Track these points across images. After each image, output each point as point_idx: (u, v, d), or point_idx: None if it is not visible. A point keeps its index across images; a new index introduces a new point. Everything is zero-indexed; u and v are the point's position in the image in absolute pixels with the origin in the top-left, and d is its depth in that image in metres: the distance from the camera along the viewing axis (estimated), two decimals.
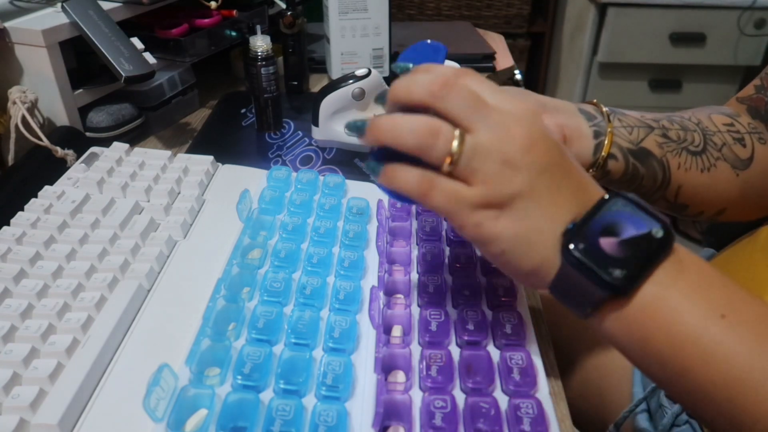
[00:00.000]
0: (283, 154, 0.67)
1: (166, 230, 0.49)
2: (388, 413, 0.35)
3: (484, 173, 0.30)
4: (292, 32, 0.85)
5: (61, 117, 0.63)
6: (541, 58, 1.97)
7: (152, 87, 0.71)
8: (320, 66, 0.93)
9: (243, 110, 0.74)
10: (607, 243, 0.30)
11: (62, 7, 0.61)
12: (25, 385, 0.36)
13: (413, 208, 0.53)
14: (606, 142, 0.45)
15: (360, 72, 0.61)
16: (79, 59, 0.65)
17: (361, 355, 0.39)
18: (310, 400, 0.36)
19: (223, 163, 0.60)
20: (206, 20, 0.74)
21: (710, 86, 1.65)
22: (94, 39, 0.59)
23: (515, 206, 0.31)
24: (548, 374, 0.40)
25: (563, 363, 0.47)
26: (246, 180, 0.57)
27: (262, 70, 0.73)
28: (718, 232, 0.68)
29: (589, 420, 0.61)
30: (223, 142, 0.70)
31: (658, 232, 0.30)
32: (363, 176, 0.63)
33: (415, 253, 0.48)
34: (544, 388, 0.37)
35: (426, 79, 0.32)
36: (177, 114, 0.76)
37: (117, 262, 0.45)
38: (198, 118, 0.77)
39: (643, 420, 0.54)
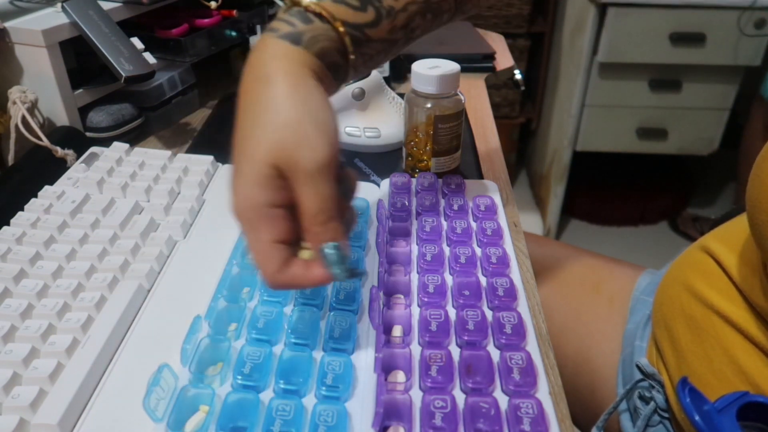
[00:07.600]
0: None
1: (166, 230, 0.49)
2: (388, 413, 0.35)
3: None
4: None
5: (61, 117, 0.63)
6: (541, 58, 1.97)
7: (152, 87, 0.71)
8: None
9: None
10: None
11: (62, 7, 0.61)
12: (25, 385, 0.36)
13: (413, 208, 0.53)
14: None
15: None
16: (79, 59, 0.65)
17: (361, 355, 0.39)
18: (310, 400, 0.36)
19: (223, 163, 0.60)
20: (206, 20, 0.74)
21: (710, 86, 1.65)
22: (94, 39, 0.59)
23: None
24: (548, 374, 0.40)
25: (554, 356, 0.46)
26: None
27: None
28: None
29: (582, 413, 0.61)
30: (223, 142, 0.69)
31: None
32: (363, 176, 0.63)
33: (415, 253, 0.48)
34: (544, 388, 0.37)
35: None
36: (177, 114, 0.76)
37: (117, 262, 0.45)
38: (198, 118, 0.77)
39: (626, 420, 0.54)
